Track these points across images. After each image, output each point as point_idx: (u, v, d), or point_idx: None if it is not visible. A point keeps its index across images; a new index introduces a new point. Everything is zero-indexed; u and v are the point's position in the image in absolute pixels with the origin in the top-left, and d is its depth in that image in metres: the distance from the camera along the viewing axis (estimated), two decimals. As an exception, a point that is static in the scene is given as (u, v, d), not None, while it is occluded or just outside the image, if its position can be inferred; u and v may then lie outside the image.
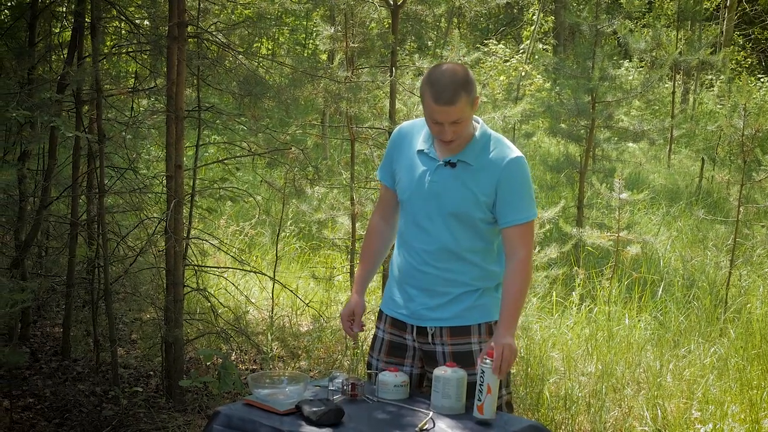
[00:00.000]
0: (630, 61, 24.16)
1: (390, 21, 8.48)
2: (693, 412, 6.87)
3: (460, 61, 8.50)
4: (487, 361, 4.01)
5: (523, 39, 30.53)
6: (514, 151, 4.30)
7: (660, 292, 9.61)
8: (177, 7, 6.67)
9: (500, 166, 4.24)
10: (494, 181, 4.24)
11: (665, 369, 7.52)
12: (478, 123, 4.38)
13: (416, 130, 4.47)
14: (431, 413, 4.03)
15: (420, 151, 4.37)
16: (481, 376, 4.00)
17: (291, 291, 8.80)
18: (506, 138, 4.43)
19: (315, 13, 19.65)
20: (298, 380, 4.23)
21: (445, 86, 4.09)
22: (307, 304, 8.68)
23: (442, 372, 4.11)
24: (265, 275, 8.59)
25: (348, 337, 4.46)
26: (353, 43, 8.41)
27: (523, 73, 21.96)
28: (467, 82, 4.13)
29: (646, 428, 6.63)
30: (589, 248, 10.95)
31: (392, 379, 4.25)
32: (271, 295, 8.92)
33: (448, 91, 4.08)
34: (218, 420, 4.07)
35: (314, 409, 3.94)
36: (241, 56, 7.74)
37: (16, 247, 7.44)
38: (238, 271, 9.27)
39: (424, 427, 3.89)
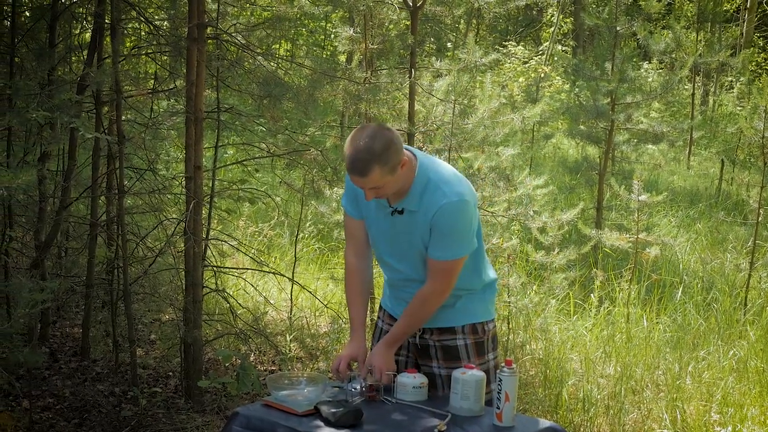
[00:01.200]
0: (649, 62, 24.10)
1: (409, 22, 8.48)
2: (712, 414, 6.85)
3: (476, 64, 8.47)
4: (505, 369, 4.01)
5: (543, 40, 30.47)
6: (448, 195, 4.24)
7: (679, 294, 9.57)
8: (197, 9, 6.68)
9: (432, 212, 4.25)
10: (428, 223, 4.28)
11: (684, 371, 7.49)
12: (418, 163, 4.32)
13: None
14: (450, 414, 4.02)
15: (377, 199, 4.36)
16: (499, 384, 3.99)
17: (310, 292, 8.80)
18: (447, 172, 4.39)
19: (334, 15, 19.66)
20: (317, 381, 4.23)
21: (356, 159, 4.06)
22: (325, 305, 8.68)
23: (461, 374, 4.11)
24: (284, 276, 8.60)
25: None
26: (372, 44, 8.41)
27: (542, 75, 21.94)
28: (384, 153, 4.06)
29: (666, 431, 6.60)
30: (608, 250, 10.92)
31: (411, 381, 4.25)
32: (289, 296, 8.92)
33: (359, 164, 4.05)
34: (237, 421, 4.07)
35: (333, 410, 3.94)
36: (260, 57, 7.75)
37: (36, 247, 7.46)
38: (256, 272, 9.27)
39: (443, 429, 3.89)
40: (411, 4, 8.20)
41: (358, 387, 4.28)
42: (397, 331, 4.48)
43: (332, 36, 21.85)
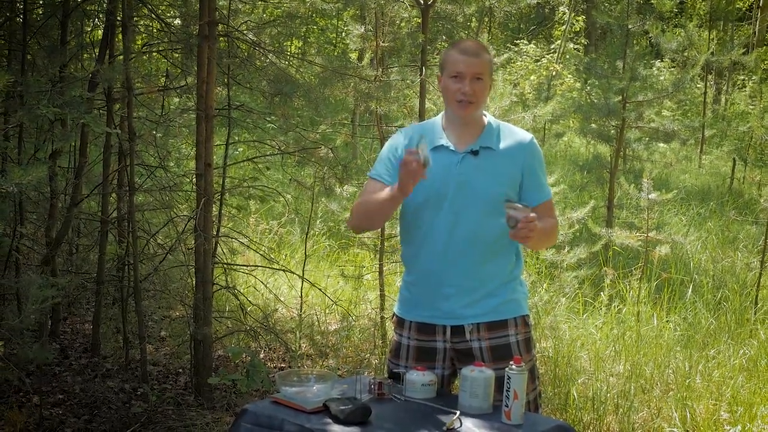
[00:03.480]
0: (661, 61, 24.07)
1: (420, 20, 8.48)
2: (722, 413, 6.84)
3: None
4: (514, 367, 4.00)
5: (554, 39, 30.44)
6: (528, 134, 4.44)
7: (689, 292, 9.56)
8: (208, 6, 6.70)
9: (523, 148, 4.35)
10: (519, 162, 4.32)
11: (694, 370, 7.48)
12: (485, 114, 4.45)
13: (423, 129, 4.46)
14: (458, 412, 4.02)
15: (437, 147, 4.32)
16: (508, 382, 3.99)
17: (320, 289, 8.81)
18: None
19: (346, 13, 19.66)
20: (326, 378, 4.23)
21: (470, 44, 4.32)
22: (335, 302, 8.69)
23: (470, 372, 4.10)
24: (294, 273, 8.61)
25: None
26: (383, 42, 8.42)
27: (554, 73, 21.94)
28: (488, 49, 4.37)
29: (675, 429, 6.60)
30: (618, 249, 10.91)
31: (420, 378, 4.24)
32: (299, 293, 8.93)
33: (474, 47, 4.29)
34: (246, 417, 4.08)
35: (342, 407, 3.94)
36: (271, 55, 7.76)
37: (47, 244, 7.49)
38: (266, 269, 9.29)
39: (452, 426, 3.89)
40: (422, 2, 8.20)
41: (367, 384, 4.29)
42: (543, 224, 4.27)
43: (344, 34, 21.87)
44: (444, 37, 9.29)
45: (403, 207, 4.46)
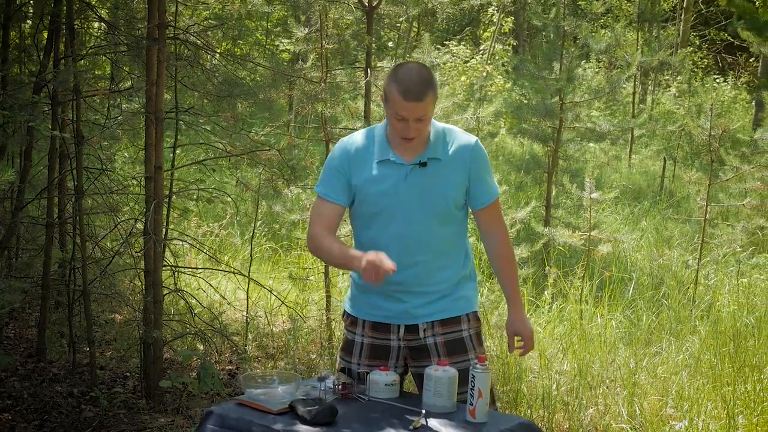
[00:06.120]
0: (587, 61, 24.31)
1: (364, 22, 8.50)
2: (668, 409, 6.96)
3: (431, 63, 8.55)
4: (478, 366, 4.06)
5: (483, 40, 30.59)
6: (471, 136, 4.48)
7: (631, 290, 9.71)
8: (157, 9, 6.67)
9: (468, 153, 4.39)
10: (466, 167, 4.38)
11: (639, 367, 7.60)
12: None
13: (367, 142, 4.43)
14: (424, 411, 4.06)
15: (383, 161, 4.35)
16: (473, 381, 4.04)
17: (268, 289, 8.80)
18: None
19: (275, 15, 19.59)
20: (290, 380, 4.25)
21: (413, 83, 4.16)
22: (283, 302, 8.68)
23: (433, 371, 4.15)
24: (243, 275, 8.59)
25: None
26: (328, 44, 8.43)
27: (484, 74, 22.03)
28: (432, 80, 4.23)
29: (623, 425, 6.70)
30: (560, 248, 11.03)
31: (383, 378, 4.28)
32: (246, 294, 8.91)
33: (417, 88, 4.15)
34: (211, 420, 4.09)
35: (308, 408, 3.97)
36: (218, 56, 7.75)
37: (-9, 249, 7.42)
38: (213, 271, 9.26)
39: (418, 425, 3.93)
40: (366, 4, 8.24)
41: (332, 385, 4.32)
42: (515, 286, 4.61)
43: (272, 36, 21.82)
44: (374, 39, 9.28)
45: (355, 216, 4.53)
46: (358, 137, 4.49)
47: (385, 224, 4.39)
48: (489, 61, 24.49)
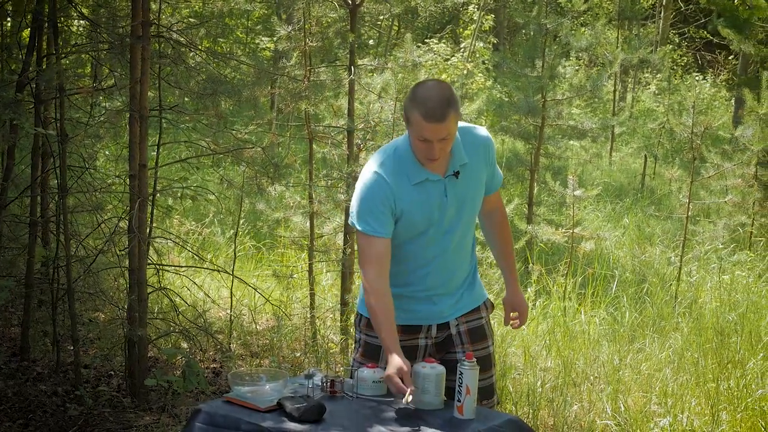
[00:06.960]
0: (567, 59, 24.35)
1: (347, 20, 8.49)
2: (652, 405, 6.98)
3: (413, 62, 8.54)
4: (466, 363, 4.07)
5: (463, 38, 30.58)
6: (479, 128, 4.55)
7: (614, 287, 9.73)
8: (141, 7, 6.66)
9: (484, 147, 4.48)
10: (486, 161, 4.48)
11: (623, 363, 7.63)
12: None
13: (397, 166, 4.35)
14: (412, 408, 4.07)
15: (421, 182, 4.32)
16: (460, 378, 4.06)
17: (252, 287, 8.78)
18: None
19: (255, 13, 19.60)
20: (278, 377, 4.26)
21: (434, 104, 4.08)
22: (267, 299, 8.67)
23: (421, 368, 4.16)
24: (227, 273, 8.58)
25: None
26: (311, 42, 8.42)
27: (465, 72, 22.04)
28: (454, 99, 4.15)
29: (608, 422, 6.72)
30: (543, 245, 11.05)
31: (370, 375, 4.28)
32: (230, 292, 8.89)
33: (438, 109, 4.08)
34: (200, 417, 4.08)
35: (296, 405, 3.97)
36: (203, 54, 7.74)
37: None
38: (196, 270, 9.25)
39: (408, 401, 3.97)
40: (350, 2, 8.24)
41: (320, 382, 4.32)
42: (513, 263, 4.87)
43: (252, 34, 21.79)
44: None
45: (398, 235, 4.43)
46: (386, 163, 4.37)
47: (426, 243, 4.45)
48: (470, 59, 24.50)
